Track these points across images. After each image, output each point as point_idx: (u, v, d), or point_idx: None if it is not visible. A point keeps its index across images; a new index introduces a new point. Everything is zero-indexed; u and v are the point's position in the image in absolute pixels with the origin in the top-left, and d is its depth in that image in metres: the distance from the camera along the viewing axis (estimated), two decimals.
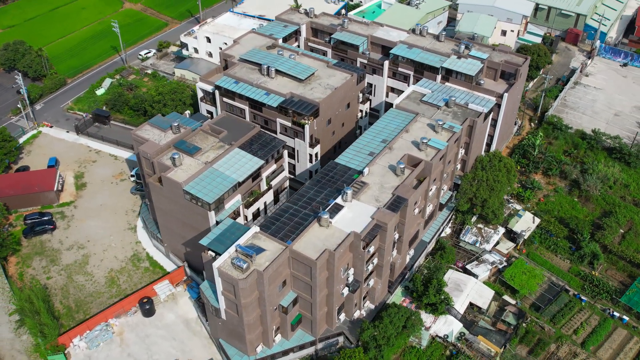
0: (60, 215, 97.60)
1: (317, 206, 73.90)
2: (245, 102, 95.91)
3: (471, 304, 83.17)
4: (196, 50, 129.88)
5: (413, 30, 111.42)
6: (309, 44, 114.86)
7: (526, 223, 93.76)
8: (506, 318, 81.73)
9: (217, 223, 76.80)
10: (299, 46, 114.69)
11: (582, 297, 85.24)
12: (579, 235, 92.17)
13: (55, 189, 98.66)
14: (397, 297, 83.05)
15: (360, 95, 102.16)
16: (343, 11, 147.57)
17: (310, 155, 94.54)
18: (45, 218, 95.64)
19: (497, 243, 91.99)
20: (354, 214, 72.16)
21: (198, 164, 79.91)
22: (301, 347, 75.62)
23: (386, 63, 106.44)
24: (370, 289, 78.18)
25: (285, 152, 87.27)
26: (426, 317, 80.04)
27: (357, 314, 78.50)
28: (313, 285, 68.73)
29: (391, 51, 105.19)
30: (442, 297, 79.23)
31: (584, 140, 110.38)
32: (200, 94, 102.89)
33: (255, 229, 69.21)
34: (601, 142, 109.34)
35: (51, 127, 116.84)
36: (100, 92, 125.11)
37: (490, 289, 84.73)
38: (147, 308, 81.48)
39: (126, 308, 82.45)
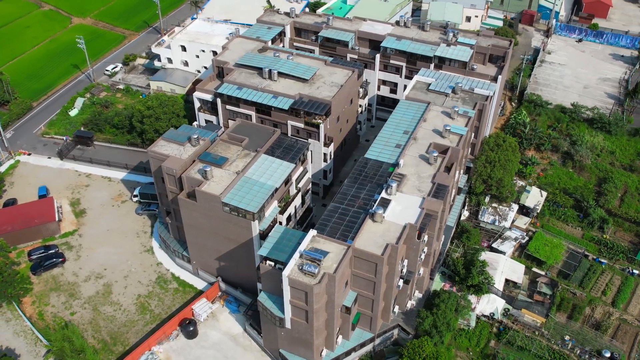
0: (66, 246, 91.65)
1: (362, 203, 73.84)
2: (251, 107, 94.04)
3: (506, 280, 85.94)
4: (170, 61, 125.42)
5: (397, 22, 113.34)
6: (295, 44, 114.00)
7: (535, 197, 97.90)
8: (541, 289, 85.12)
9: (261, 232, 75.09)
10: (283, 46, 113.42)
11: (601, 260, 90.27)
12: (584, 203, 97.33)
13: (56, 219, 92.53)
14: (437, 283, 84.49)
15: (361, 90, 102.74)
16: (307, 10, 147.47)
17: (325, 155, 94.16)
18: (51, 251, 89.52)
19: (514, 220, 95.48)
20: (402, 206, 72.63)
21: (229, 175, 77.62)
22: (361, 345, 75.43)
23: (377, 56, 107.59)
24: (419, 278, 79.10)
25: (309, 154, 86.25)
26: (470, 299, 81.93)
27: (409, 305, 79.25)
28: (377, 281, 68.70)
29: (382, 44, 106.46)
30: (484, 277, 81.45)
31: (565, 114, 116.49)
32: (197, 104, 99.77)
33: (312, 232, 68.20)
34: (580, 114, 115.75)
35: (29, 154, 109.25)
36: (73, 112, 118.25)
37: (520, 264, 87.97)
38: (191, 330, 78.32)
39: (167, 333, 78.88)
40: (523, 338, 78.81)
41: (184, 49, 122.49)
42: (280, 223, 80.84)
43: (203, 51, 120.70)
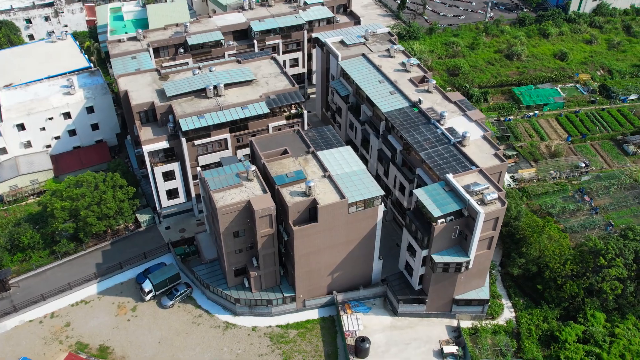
0: None
1: (433, 141, 79.46)
2: (224, 130, 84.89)
3: None
4: (4, 151, 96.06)
5: (242, 7, 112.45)
6: (163, 64, 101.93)
7: None
8: (507, 153, 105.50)
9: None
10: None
11: (509, 118, 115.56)
12: (463, 88, 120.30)
13: None
14: None
15: None
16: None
17: None
18: None
19: None
20: (462, 127, 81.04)
21: (321, 181, 72.67)
22: None
23: (255, 43, 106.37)
24: None
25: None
26: None
27: None
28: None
29: (255, 29, 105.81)
30: None
31: None
32: (148, 160, 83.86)
33: (450, 175, 71.87)
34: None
35: None
36: None
37: None
38: (367, 347, 72.88)
39: None
40: (539, 187, 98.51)
41: (22, 127, 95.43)
42: None
43: (51, 118, 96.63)
